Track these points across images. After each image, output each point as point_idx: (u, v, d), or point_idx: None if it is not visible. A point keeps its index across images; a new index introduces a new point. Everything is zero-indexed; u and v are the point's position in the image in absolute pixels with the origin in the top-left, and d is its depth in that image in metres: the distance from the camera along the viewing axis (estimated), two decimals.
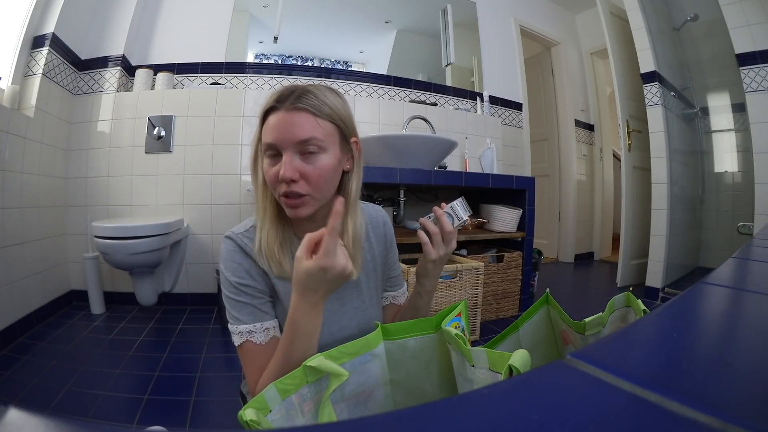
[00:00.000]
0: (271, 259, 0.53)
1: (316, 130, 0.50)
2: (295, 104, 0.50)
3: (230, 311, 0.54)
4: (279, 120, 0.50)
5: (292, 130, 0.49)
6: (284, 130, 0.50)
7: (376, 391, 0.50)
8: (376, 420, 0.17)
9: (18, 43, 1.64)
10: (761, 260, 0.50)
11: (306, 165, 0.50)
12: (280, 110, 0.50)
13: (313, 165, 0.50)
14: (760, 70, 1.84)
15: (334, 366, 0.41)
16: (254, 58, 2.22)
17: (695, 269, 2.47)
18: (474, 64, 2.72)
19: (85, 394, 1.10)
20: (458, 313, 0.52)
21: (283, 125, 0.50)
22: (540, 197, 3.24)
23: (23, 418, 0.15)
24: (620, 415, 0.16)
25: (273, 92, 0.53)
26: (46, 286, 1.73)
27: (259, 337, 0.52)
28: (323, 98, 0.52)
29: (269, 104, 0.52)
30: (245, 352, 0.52)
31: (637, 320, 0.34)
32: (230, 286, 0.54)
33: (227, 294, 0.54)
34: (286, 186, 0.50)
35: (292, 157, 0.50)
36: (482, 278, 1.54)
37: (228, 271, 0.54)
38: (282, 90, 0.52)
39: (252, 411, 0.36)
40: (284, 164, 0.49)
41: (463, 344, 0.42)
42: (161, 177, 1.94)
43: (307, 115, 0.50)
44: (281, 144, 0.50)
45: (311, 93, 0.51)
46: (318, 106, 0.51)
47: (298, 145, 0.50)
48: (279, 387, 0.40)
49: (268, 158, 0.52)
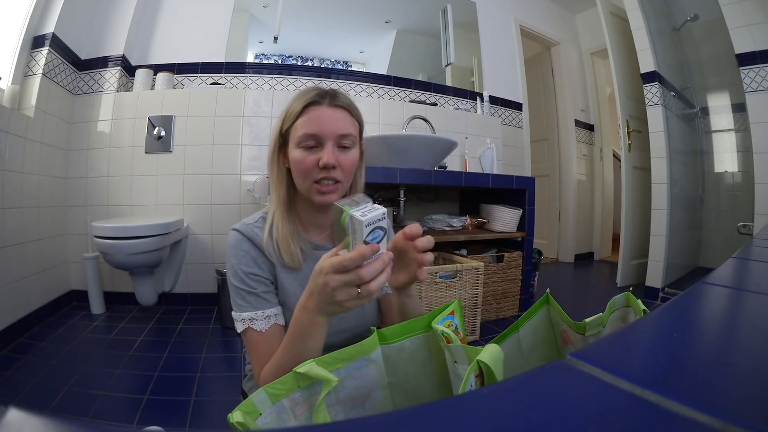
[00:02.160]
0: (284, 248, 0.56)
1: (352, 127, 0.57)
2: (336, 102, 0.56)
3: (234, 299, 0.56)
4: (322, 113, 0.55)
5: (334, 124, 0.55)
6: (327, 123, 0.55)
7: (373, 393, 0.50)
8: (375, 420, 0.17)
9: (18, 43, 1.64)
10: (761, 260, 0.50)
11: (342, 155, 0.56)
12: (323, 105, 0.55)
13: (347, 156, 0.57)
14: (760, 70, 1.84)
15: (325, 372, 0.41)
16: (254, 58, 2.22)
17: (695, 269, 2.47)
18: (474, 64, 2.72)
19: (85, 394, 1.10)
20: (451, 311, 0.52)
21: (326, 119, 0.55)
22: (540, 197, 3.24)
23: (23, 418, 0.15)
24: (620, 415, 0.16)
25: (306, 90, 0.57)
26: (46, 286, 1.73)
27: (260, 324, 0.54)
28: (353, 103, 0.59)
29: (310, 99, 0.56)
30: (248, 340, 0.55)
31: (637, 320, 0.34)
32: (236, 274, 0.56)
33: (232, 282, 0.56)
34: (326, 172, 0.54)
35: (333, 147, 0.55)
36: (482, 278, 1.54)
37: (235, 259, 0.56)
38: (316, 88, 0.57)
39: (240, 413, 0.37)
40: (327, 152, 0.54)
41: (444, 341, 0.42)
42: (161, 177, 1.94)
43: (345, 112, 0.57)
44: (325, 135, 0.55)
45: (345, 96, 0.58)
46: (353, 107, 0.58)
47: (338, 138, 0.55)
48: (269, 391, 0.40)
49: (304, 149, 0.55)
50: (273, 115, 2.01)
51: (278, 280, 0.58)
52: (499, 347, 0.37)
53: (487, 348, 0.37)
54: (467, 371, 0.34)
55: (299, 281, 0.58)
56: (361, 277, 0.39)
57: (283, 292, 0.58)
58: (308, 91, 0.57)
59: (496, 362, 0.35)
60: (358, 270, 0.39)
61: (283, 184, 0.59)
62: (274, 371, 0.48)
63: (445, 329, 0.46)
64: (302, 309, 0.46)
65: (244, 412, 0.38)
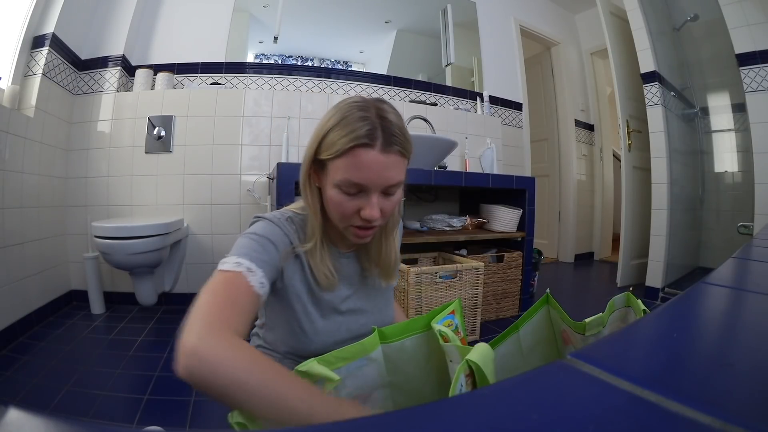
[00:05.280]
0: (324, 276, 0.54)
1: (403, 173, 0.51)
2: (389, 147, 0.47)
3: (240, 248, 0.48)
4: (373, 161, 0.47)
5: (385, 175, 0.48)
6: (378, 175, 0.48)
7: (374, 393, 0.50)
8: (375, 420, 0.17)
9: (18, 43, 1.64)
10: (761, 260, 0.50)
11: (385, 201, 0.50)
12: (373, 149, 0.47)
13: (391, 202, 0.51)
14: (760, 70, 1.84)
15: (326, 371, 0.41)
16: (254, 58, 2.22)
17: (695, 269, 2.47)
18: (474, 64, 2.72)
19: (85, 394, 1.10)
20: (451, 311, 0.52)
21: (377, 168, 0.47)
22: (540, 197, 3.24)
23: (23, 418, 0.15)
24: (620, 415, 0.16)
25: (354, 118, 0.47)
26: (46, 286, 1.73)
27: (254, 279, 0.45)
28: (406, 134, 0.50)
29: (361, 141, 0.46)
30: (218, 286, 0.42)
31: (637, 320, 0.34)
32: (256, 234, 0.50)
33: (249, 235, 0.50)
34: (367, 222, 0.50)
35: (379, 198, 0.49)
36: (482, 278, 1.54)
37: (261, 230, 0.51)
38: (367, 120, 0.47)
39: (239, 413, 0.37)
40: (371, 206, 0.49)
41: (441, 340, 0.42)
42: (161, 177, 1.94)
43: (398, 158, 0.49)
44: (372, 186, 0.48)
45: (398, 127, 0.49)
46: (406, 147, 0.50)
47: (386, 188, 0.49)
48: None
49: (345, 193, 0.49)
50: (273, 115, 2.01)
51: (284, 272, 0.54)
52: (489, 346, 0.37)
53: (477, 347, 0.37)
54: (457, 370, 0.34)
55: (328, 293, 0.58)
56: None
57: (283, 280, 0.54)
58: (357, 124, 0.47)
59: (486, 361, 0.35)
60: None
61: (318, 207, 0.53)
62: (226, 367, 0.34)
63: (444, 328, 0.46)
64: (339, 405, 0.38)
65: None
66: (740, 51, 1.89)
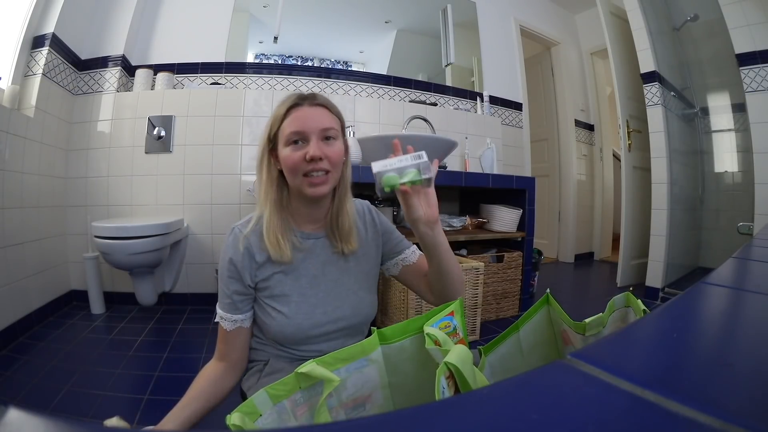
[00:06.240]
0: (272, 244, 0.61)
1: (332, 121, 0.63)
2: (314, 101, 0.63)
3: (219, 295, 0.65)
4: (304, 113, 0.61)
5: (316, 119, 0.61)
6: (310, 120, 0.61)
7: (374, 394, 0.50)
8: (375, 420, 0.17)
9: (18, 43, 1.64)
10: (761, 260, 0.50)
11: (327, 147, 0.61)
12: (303, 106, 0.62)
13: (332, 148, 0.62)
14: (760, 70, 1.84)
15: (326, 372, 0.41)
16: (254, 58, 2.22)
17: (695, 269, 2.47)
18: (474, 64, 2.72)
19: (85, 394, 1.10)
20: (451, 311, 0.52)
21: (308, 116, 0.61)
22: (540, 197, 3.24)
23: (23, 418, 0.15)
24: (620, 415, 0.16)
25: (288, 96, 0.64)
26: (46, 286, 1.73)
27: (226, 324, 0.63)
28: (331, 101, 0.66)
29: (292, 102, 0.62)
30: (218, 329, 0.65)
31: (637, 320, 0.34)
32: (222, 276, 0.64)
33: (219, 278, 0.65)
34: (314, 164, 0.59)
35: (318, 141, 0.60)
36: (482, 278, 1.54)
37: (222, 262, 0.64)
38: (297, 93, 0.65)
39: (238, 416, 0.37)
40: (312, 146, 0.59)
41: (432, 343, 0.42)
42: (161, 177, 1.94)
43: (324, 109, 0.63)
44: (309, 130, 0.60)
45: (321, 95, 0.65)
46: (330, 104, 0.65)
47: (321, 131, 0.61)
48: (270, 392, 0.40)
49: (291, 146, 0.61)
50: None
51: (272, 279, 0.63)
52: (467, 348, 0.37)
53: (454, 349, 0.37)
54: (437, 373, 0.34)
55: (294, 275, 0.64)
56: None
57: (281, 286, 0.63)
58: (289, 97, 0.63)
59: (464, 363, 0.35)
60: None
61: (274, 186, 0.64)
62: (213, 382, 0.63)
63: (436, 331, 0.45)
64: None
65: (245, 413, 0.38)
66: (740, 51, 1.89)
